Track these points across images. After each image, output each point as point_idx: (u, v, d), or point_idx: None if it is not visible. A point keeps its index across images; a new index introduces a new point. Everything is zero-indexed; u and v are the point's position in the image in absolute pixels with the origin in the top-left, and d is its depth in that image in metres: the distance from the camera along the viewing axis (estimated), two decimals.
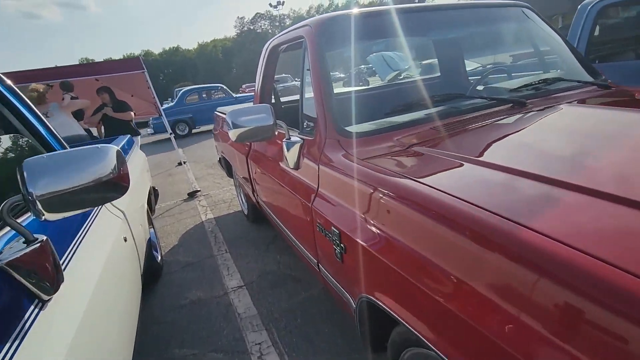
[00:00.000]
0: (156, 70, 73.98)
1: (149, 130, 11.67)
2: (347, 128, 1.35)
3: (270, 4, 55.19)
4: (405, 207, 0.90)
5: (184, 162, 7.12)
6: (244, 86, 34.64)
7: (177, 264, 2.89)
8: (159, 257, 2.78)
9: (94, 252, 1.20)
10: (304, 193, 1.47)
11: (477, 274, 0.71)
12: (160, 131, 11.36)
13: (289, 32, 1.88)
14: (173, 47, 77.74)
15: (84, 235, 1.21)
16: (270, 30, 73.22)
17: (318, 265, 1.47)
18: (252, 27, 73.75)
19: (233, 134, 1.53)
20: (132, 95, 6.39)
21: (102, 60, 5.97)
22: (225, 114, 3.64)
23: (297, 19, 67.32)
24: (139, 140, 4.90)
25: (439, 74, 2.99)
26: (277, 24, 72.32)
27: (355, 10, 1.55)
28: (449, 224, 0.79)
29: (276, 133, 1.56)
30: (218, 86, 12.28)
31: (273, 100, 2.37)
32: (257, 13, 73.92)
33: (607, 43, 2.86)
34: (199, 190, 4.87)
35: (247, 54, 69.55)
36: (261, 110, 1.54)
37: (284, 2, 52.97)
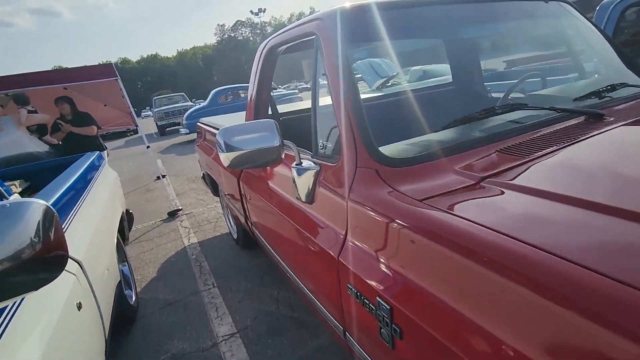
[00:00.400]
0: (134, 78, 72.41)
1: (183, 130, 11.16)
2: (386, 152, 0.99)
3: (251, 11, 54.97)
4: (528, 291, 0.56)
5: (163, 176, 6.63)
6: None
7: (155, 304, 2.45)
8: (133, 297, 2.34)
9: (21, 346, 0.79)
10: (324, 238, 1.10)
11: None
12: (194, 130, 10.89)
13: (291, 29, 1.53)
14: (151, 55, 76.39)
15: (10, 320, 0.80)
16: (251, 38, 72.90)
17: (344, 334, 1.10)
18: (232, 35, 73.26)
19: (225, 159, 1.16)
20: (104, 105, 5.91)
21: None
22: (208, 125, 3.24)
23: (278, 27, 67.32)
24: (106, 156, 4.39)
25: (431, 79, 2.71)
26: (259, 31, 72.08)
27: None
28: (595, 315, 0.47)
29: (282, 156, 1.20)
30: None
31: (270, 112, 2.01)
32: (238, 20, 73.62)
33: (631, 45, 2.63)
34: (181, 209, 4.42)
35: (228, 62, 68.89)
36: (263, 128, 1.18)
37: (265, 9, 52.80)
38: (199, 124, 3.68)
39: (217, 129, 2.93)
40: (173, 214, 4.29)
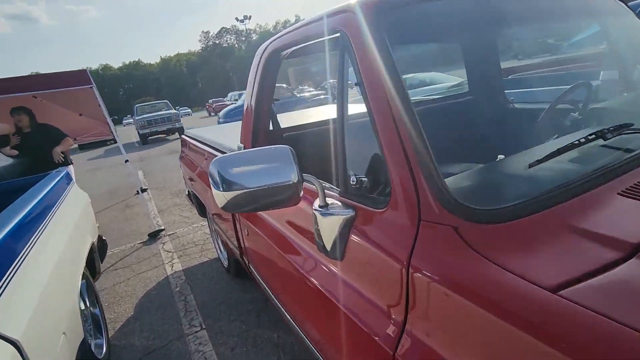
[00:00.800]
0: (116, 85, 70.94)
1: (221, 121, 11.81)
2: (465, 197, 0.67)
3: (236, 18, 54.56)
4: None
5: (145, 190, 6.19)
6: (210, 101, 33.44)
7: (131, 353, 2.07)
8: (104, 348, 1.95)
9: None
10: (365, 315, 0.78)
11: None
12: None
13: (302, 27, 1.22)
14: (134, 61, 75.14)
15: None
16: (236, 45, 72.48)
17: None
18: (217, 42, 72.74)
19: (221, 198, 0.84)
20: (80, 114, 5.49)
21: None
22: (193, 137, 2.89)
23: (264, 34, 67.20)
24: (72, 171, 3.91)
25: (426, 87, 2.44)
26: (244, 38, 71.78)
27: None
28: None
29: (300, 195, 0.87)
30: (282, 85, 12.66)
31: (271, 127, 1.68)
32: (223, 27, 73.20)
33: None
34: (163, 229, 4.01)
35: (212, 69, 68.18)
36: (273, 156, 0.85)
37: (250, 16, 52.57)
38: (183, 136, 3.31)
39: (202, 142, 2.58)
40: (154, 235, 3.88)
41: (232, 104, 17.04)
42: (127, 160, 3.99)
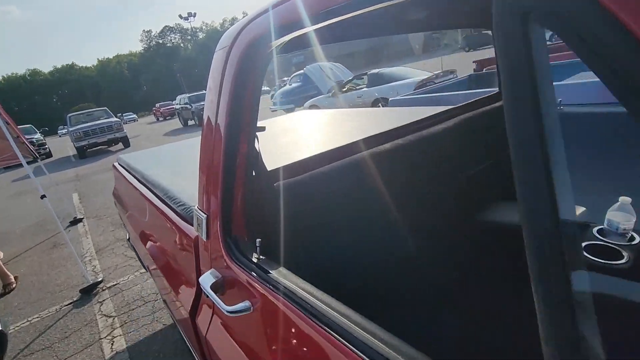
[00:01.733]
0: (48, 91, 64.81)
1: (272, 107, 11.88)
2: None
3: (180, 16, 51.52)
4: None
5: (80, 219, 5.13)
6: (157, 105, 31.01)
7: None
8: None
9: None
10: None
11: None
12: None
13: None
14: (67, 65, 68.91)
15: None
16: (182, 44, 68.93)
17: None
18: (161, 41, 68.70)
19: None
20: None
21: None
22: (129, 170, 2.07)
23: (211, 32, 64.49)
24: None
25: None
26: (189, 37, 68.45)
27: None
28: None
29: None
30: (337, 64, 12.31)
31: (253, 172, 0.96)
32: (166, 26, 69.25)
33: None
34: (101, 281, 3.11)
35: (157, 70, 64.22)
36: None
37: (195, 14, 49.90)
38: (115, 163, 2.47)
39: (141, 182, 1.77)
40: (89, 291, 2.97)
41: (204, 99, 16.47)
42: (43, 196, 3.03)
